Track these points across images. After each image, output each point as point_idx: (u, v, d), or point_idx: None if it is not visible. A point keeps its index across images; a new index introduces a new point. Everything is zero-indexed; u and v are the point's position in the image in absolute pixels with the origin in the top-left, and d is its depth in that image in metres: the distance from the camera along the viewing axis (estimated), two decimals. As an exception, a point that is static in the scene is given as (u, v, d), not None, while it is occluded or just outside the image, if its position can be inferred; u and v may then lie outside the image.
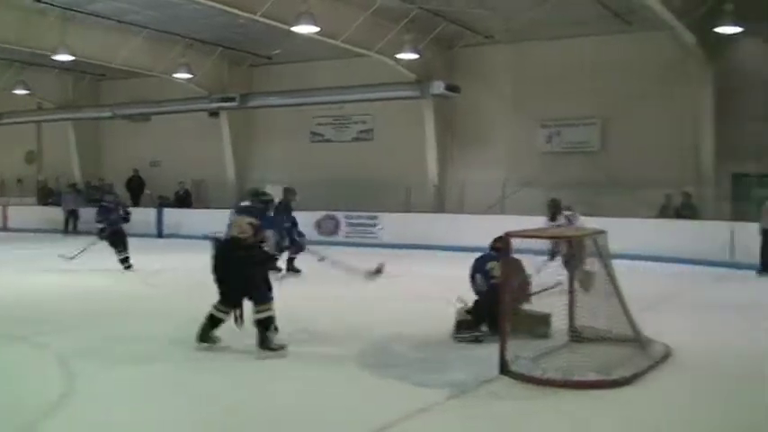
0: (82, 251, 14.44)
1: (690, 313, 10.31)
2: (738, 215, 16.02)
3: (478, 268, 8.32)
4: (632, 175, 17.99)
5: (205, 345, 7.47)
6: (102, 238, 14.37)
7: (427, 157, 21.47)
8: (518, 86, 20.53)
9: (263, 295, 7.45)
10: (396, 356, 7.35)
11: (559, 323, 7.72)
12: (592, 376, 6.32)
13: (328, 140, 23.75)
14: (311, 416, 5.54)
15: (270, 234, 7.66)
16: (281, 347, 7.34)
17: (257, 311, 7.35)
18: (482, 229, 16.79)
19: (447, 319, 8.30)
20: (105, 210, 14.57)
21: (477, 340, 7.83)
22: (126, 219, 14.70)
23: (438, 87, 19.92)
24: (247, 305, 7.48)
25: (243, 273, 7.40)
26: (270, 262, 7.68)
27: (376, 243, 19.05)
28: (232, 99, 22.99)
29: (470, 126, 21.37)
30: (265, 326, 7.33)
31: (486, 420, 5.53)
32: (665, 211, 18.01)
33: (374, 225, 20.28)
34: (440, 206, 21.30)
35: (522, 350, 7.02)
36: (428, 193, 21.29)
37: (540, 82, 19.94)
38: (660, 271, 14.71)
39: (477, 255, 8.48)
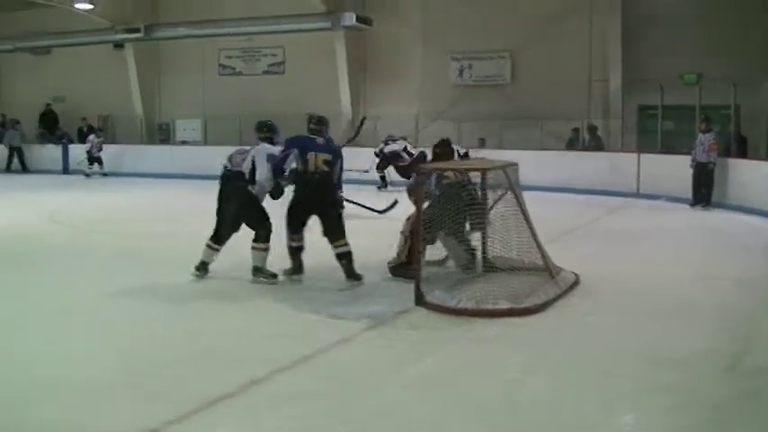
0: None
1: (598, 242, 10.65)
2: (644, 147, 16.50)
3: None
4: (541, 108, 18.22)
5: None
6: None
7: (340, 91, 21.28)
8: (429, 19, 20.40)
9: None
10: (311, 290, 7.35)
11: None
12: (504, 305, 6.46)
13: (239, 74, 23.29)
14: (232, 353, 5.47)
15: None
16: (274, 276, 7.69)
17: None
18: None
19: (362, 253, 8.34)
20: None
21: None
22: None
23: (349, 19, 19.70)
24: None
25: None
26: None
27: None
28: (137, 30, 22.19)
29: (383, 59, 21.24)
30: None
31: (405, 348, 5.62)
32: (573, 144, 18.43)
33: (290, 159, 19.95)
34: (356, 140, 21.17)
35: (436, 282, 7.16)
36: (342, 128, 21.14)
37: (452, 15, 19.87)
38: (568, 202, 15.08)
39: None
